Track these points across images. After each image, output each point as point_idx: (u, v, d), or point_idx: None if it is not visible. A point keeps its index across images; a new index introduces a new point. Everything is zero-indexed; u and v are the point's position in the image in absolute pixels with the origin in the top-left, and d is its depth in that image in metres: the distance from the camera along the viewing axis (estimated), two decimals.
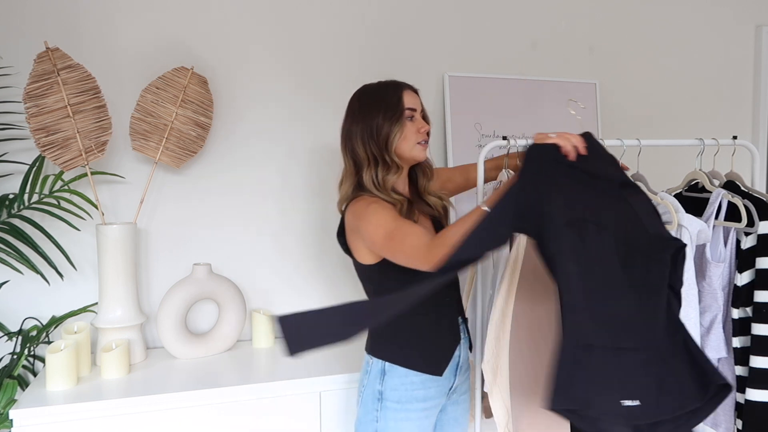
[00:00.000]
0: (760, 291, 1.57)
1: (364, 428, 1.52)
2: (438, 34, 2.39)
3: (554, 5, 2.53)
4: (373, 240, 1.43)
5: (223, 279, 2.08)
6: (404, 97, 1.51)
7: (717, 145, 1.73)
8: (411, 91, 1.55)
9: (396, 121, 1.48)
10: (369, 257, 1.50)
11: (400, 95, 1.51)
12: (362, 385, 1.56)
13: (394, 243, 1.38)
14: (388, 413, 1.49)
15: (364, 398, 1.53)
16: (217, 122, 2.12)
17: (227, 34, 2.16)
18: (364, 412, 1.53)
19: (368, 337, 1.58)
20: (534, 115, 2.46)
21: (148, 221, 2.11)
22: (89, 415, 1.63)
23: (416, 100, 1.55)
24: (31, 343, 1.91)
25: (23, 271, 1.95)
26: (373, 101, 1.52)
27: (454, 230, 1.27)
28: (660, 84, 2.69)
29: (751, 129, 2.83)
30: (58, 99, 1.84)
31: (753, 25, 2.81)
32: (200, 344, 2.02)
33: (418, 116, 1.53)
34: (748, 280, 1.60)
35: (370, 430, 1.50)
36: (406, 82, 1.57)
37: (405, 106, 1.50)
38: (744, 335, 1.62)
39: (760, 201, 1.60)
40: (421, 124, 1.53)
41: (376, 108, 1.50)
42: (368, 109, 1.51)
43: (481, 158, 1.64)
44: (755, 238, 1.59)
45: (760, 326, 1.56)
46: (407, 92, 1.53)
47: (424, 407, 1.51)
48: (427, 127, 1.54)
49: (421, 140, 1.53)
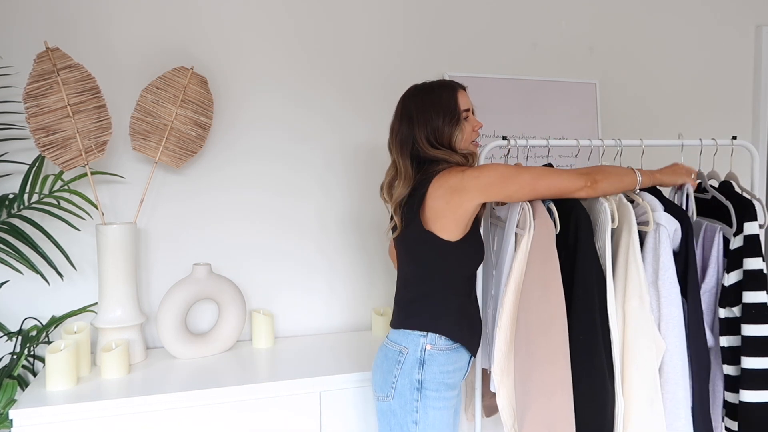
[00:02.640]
0: (749, 292, 1.57)
1: (403, 420, 1.51)
2: (438, 34, 2.39)
3: (554, 5, 2.53)
4: (508, 174, 1.51)
5: (223, 279, 2.08)
6: (460, 98, 1.57)
7: (715, 145, 1.73)
8: (463, 91, 1.60)
9: (456, 123, 1.55)
10: (456, 231, 1.50)
11: (453, 95, 1.56)
12: (392, 376, 1.52)
13: (540, 175, 1.52)
14: (428, 402, 1.49)
15: (399, 389, 1.51)
16: (217, 122, 2.12)
17: (227, 34, 2.16)
18: (400, 403, 1.51)
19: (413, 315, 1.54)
20: (534, 115, 2.46)
21: (148, 221, 2.11)
22: (89, 415, 1.63)
23: (467, 98, 1.60)
24: (31, 343, 1.91)
25: (23, 271, 1.95)
26: (431, 104, 1.55)
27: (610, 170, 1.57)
28: (660, 84, 2.69)
29: (751, 129, 2.83)
30: (58, 99, 1.84)
31: (753, 25, 2.81)
32: (200, 344, 2.02)
33: (471, 115, 1.59)
34: (736, 280, 1.61)
35: (410, 421, 1.50)
36: (457, 82, 1.62)
37: (462, 108, 1.56)
38: (731, 335, 1.62)
39: (749, 202, 1.61)
40: (475, 122, 1.60)
41: (435, 111, 1.54)
42: (427, 113, 1.55)
43: (482, 158, 1.65)
44: (742, 239, 1.59)
45: (750, 327, 1.57)
46: (462, 92, 1.59)
47: (453, 395, 1.54)
48: (480, 124, 1.61)
49: (475, 138, 1.61)
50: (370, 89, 2.28)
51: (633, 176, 1.59)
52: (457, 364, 1.54)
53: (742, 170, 1.78)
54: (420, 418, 1.49)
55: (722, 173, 1.78)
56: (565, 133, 2.48)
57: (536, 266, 1.48)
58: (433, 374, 1.50)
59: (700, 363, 1.55)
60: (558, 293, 1.46)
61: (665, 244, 1.50)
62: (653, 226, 1.51)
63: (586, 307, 1.47)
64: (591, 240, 1.51)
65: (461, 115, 1.56)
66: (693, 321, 1.54)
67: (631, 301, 1.49)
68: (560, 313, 1.46)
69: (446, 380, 1.51)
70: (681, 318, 1.52)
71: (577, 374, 1.45)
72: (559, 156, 2.45)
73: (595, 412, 1.47)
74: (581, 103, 2.53)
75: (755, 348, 1.56)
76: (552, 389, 1.43)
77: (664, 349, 1.50)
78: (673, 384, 1.50)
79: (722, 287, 1.63)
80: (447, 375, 1.51)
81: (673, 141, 1.77)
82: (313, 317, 2.29)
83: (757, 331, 1.56)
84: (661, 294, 1.51)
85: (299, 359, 2.00)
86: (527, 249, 1.51)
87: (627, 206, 1.53)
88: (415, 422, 1.49)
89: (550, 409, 1.43)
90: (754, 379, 1.56)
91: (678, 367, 1.50)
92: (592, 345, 1.47)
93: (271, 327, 2.14)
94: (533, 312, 1.47)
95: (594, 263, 1.50)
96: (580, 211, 1.52)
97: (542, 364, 1.45)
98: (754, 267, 1.57)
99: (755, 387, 1.56)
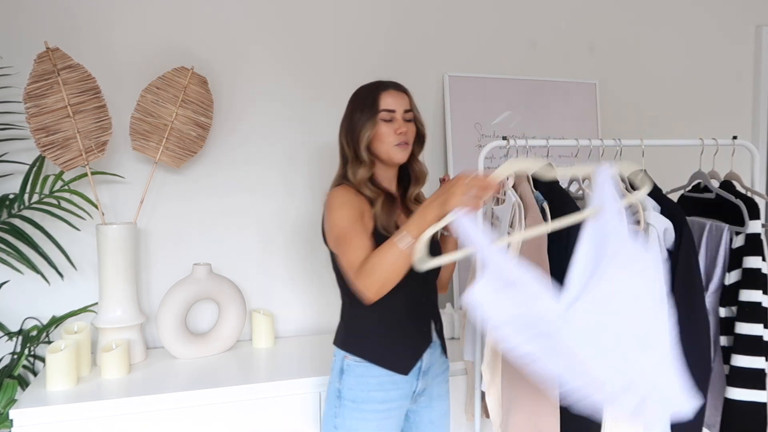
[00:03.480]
0: (746, 290, 1.57)
1: (327, 422, 1.55)
2: (438, 34, 2.39)
3: (554, 5, 2.53)
4: (329, 234, 1.48)
5: (223, 279, 2.08)
6: (383, 98, 1.50)
7: (716, 145, 1.73)
8: (396, 92, 1.52)
9: (368, 120, 1.49)
10: None
11: (377, 96, 1.50)
12: (329, 381, 1.58)
13: (341, 248, 1.42)
14: (346, 411, 1.50)
15: (328, 394, 1.57)
16: (217, 122, 2.12)
17: (227, 34, 2.16)
18: (327, 407, 1.56)
19: (338, 330, 1.59)
20: (534, 115, 2.46)
21: (148, 221, 2.11)
22: (89, 415, 1.63)
23: (400, 101, 1.52)
24: (31, 343, 1.91)
25: (23, 271, 1.95)
26: (357, 100, 1.55)
27: (377, 259, 1.30)
28: (660, 84, 2.69)
29: (751, 129, 2.83)
30: (58, 99, 1.84)
31: (753, 25, 2.81)
32: (200, 344, 2.02)
33: (398, 118, 1.50)
34: (736, 279, 1.61)
35: (331, 426, 1.53)
36: (394, 82, 1.55)
37: (381, 107, 1.49)
38: (730, 334, 1.62)
39: (752, 201, 1.61)
40: (399, 125, 1.50)
41: (357, 107, 1.53)
42: (352, 108, 1.55)
43: (481, 158, 1.65)
44: (744, 238, 1.59)
45: (743, 325, 1.57)
46: (389, 93, 1.51)
47: (383, 408, 1.50)
48: (403, 128, 1.50)
49: (399, 142, 1.50)
50: None
51: (393, 245, 1.29)
52: (380, 378, 1.49)
53: (741, 170, 1.78)
54: (338, 424, 1.51)
55: (722, 173, 1.78)
56: (565, 133, 2.49)
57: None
58: (350, 385, 1.50)
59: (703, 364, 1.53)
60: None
61: (654, 243, 1.50)
62: (643, 225, 1.51)
63: None
64: None
65: (378, 114, 1.48)
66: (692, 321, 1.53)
67: None
68: None
69: (368, 392, 1.49)
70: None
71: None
72: (559, 156, 2.44)
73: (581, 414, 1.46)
74: (581, 103, 2.53)
75: (746, 346, 1.56)
76: (538, 390, 1.42)
77: None
78: None
79: (723, 286, 1.63)
80: (368, 386, 1.49)
81: (673, 141, 1.77)
82: (313, 317, 2.29)
83: (748, 330, 1.56)
84: None
85: (299, 359, 2.00)
86: (518, 249, 1.50)
87: None
88: (335, 427, 1.52)
89: (537, 410, 1.43)
90: (743, 377, 1.56)
91: None
92: None
93: (271, 327, 2.14)
94: None
95: None
96: (575, 210, 1.52)
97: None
98: (753, 266, 1.57)
99: (743, 385, 1.56)
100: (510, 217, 1.56)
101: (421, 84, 2.36)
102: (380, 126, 1.49)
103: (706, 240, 1.69)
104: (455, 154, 2.34)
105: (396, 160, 1.52)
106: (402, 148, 1.51)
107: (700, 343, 1.53)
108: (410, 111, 1.54)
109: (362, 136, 1.49)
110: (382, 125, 1.49)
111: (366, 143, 1.49)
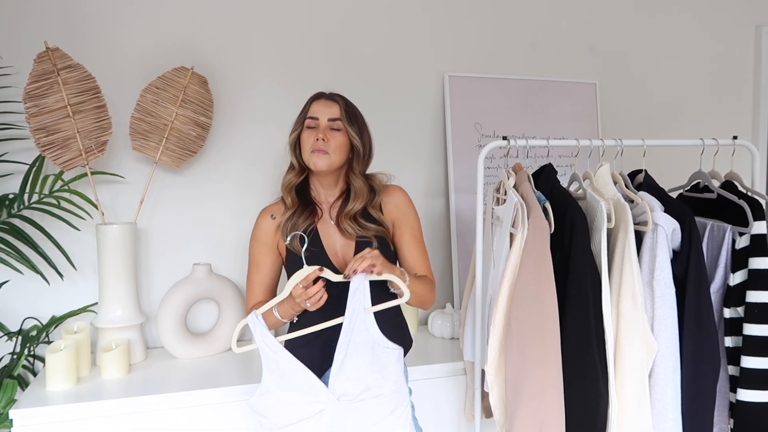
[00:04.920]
0: (753, 291, 1.57)
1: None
2: (438, 34, 2.39)
3: (554, 5, 2.53)
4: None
5: (223, 279, 2.08)
6: (312, 106, 1.59)
7: (717, 145, 1.73)
8: (327, 101, 1.58)
9: (298, 126, 1.60)
10: None
11: (309, 104, 1.60)
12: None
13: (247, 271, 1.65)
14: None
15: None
16: (217, 122, 2.12)
17: (227, 34, 2.16)
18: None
19: None
20: (534, 115, 2.46)
21: (148, 221, 2.11)
22: (89, 415, 1.63)
23: (327, 110, 1.57)
24: (31, 343, 1.91)
25: (23, 271, 1.95)
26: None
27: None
28: (660, 84, 2.69)
29: (751, 129, 2.83)
30: (58, 99, 1.84)
31: (753, 25, 2.81)
32: (200, 344, 2.02)
33: (321, 125, 1.55)
34: (741, 280, 1.60)
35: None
36: (331, 93, 1.62)
37: (308, 115, 1.58)
38: (736, 335, 1.62)
39: (756, 201, 1.61)
40: (318, 133, 1.53)
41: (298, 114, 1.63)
42: None
43: (481, 158, 1.65)
44: (749, 239, 1.59)
45: (752, 326, 1.56)
46: (318, 101, 1.59)
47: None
48: (321, 135, 1.52)
49: (315, 149, 1.53)
50: (369, 89, 2.28)
51: (271, 314, 1.52)
52: None
53: (741, 170, 1.78)
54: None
55: (722, 173, 1.78)
56: (565, 133, 2.49)
57: (530, 266, 1.47)
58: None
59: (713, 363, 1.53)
60: (551, 293, 1.45)
61: (662, 244, 1.49)
62: (651, 226, 1.51)
63: (579, 307, 1.46)
64: (586, 240, 1.50)
65: (304, 122, 1.57)
66: (703, 320, 1.52)
67: (624, 301, 1.48)
68: (553, 313, 1.45)
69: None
70: (674, 319, 1.51)
71: (569, 374, 1.45)
72: (559, 156, 2.45)
73: (586, 413, 1.46)
74: (581, 103, 2.53)
75: (756, 347, 1.56)
76: (543, 389, 1.42)
77: (656, 350, 1.49)
78: (662, 385, 1.49)
79: (727, 287, 1.62)
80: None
81: (673, 141, 1.77)
82: None
83: (758, 331, 1.55)
84: (656, 294, 1.50)
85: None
86: (521, 249, 1.50)
87: (624, 206, 1.53)
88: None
89: (541, 409, 1.43)
90: (753, 378, 1.56)
91: (668, 369, 1.49)
92: (585, 345, 1.46)
93: None
94: (526, 312, 1.46)
95: (589, 263, 1.49)
96: (575, 210, 1.51)
97: (534, 364, 1.44)
98: (759, 267, 1.56)
99: (753, 386, 1.56)
100: (512, 217, 1.55)
101: (421, 84, 2.36)
102: (303, 132, 1.57)
103: (708, 240, 1.68)
104: (455, 154, 2.34)
105: (312, 166, 1.55)
106: (318, 155, 1.53)
107: (709, 342, 1.53)
108: (337, 120, 1.56)
109: (289, 141, 1.61)
110: (304, 132, 1.57)
111: (292, 148, 1.60)
